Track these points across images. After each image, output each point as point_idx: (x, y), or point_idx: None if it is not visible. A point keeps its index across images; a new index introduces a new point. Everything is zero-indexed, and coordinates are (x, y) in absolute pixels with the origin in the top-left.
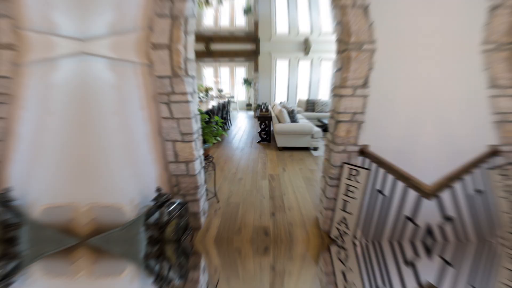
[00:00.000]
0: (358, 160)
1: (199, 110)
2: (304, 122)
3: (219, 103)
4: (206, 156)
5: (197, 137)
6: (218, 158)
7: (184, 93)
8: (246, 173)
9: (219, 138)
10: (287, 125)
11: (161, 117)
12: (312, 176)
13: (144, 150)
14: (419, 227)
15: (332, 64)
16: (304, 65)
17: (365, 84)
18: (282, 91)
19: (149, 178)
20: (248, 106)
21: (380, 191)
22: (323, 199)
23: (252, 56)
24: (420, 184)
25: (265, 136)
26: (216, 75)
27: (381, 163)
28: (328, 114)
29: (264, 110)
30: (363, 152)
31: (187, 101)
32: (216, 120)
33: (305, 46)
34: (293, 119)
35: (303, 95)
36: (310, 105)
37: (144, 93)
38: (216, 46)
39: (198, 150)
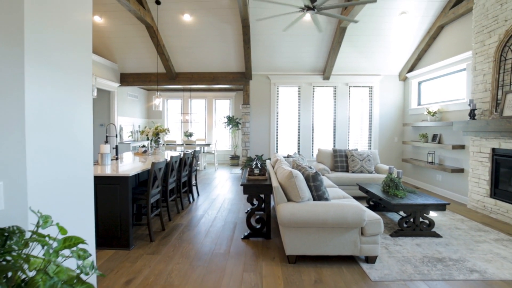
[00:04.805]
0: None
1: None
2: (337, 193)
3: (170, 159)
4: None
5: None
6: None
7: None
8: None
9: None
10: (307, 205)
11: None
12: None
13: None
14: None
15: (373, 89)
16: (323, 95)
17: None
18: (288, 137)
19: None
20: (234, 160)
21: None
22: None
23: (240, 81)
24: None
25: (258, 226)
26: (185, 110)
27: None
28: (375, 175)
29: (257, 170)
30: None
31: None
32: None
33: (325, 66)
34: (318, 191)
35: (324, 142)
36: (340, 160)
37: None
38: (182, 66)
39: None
